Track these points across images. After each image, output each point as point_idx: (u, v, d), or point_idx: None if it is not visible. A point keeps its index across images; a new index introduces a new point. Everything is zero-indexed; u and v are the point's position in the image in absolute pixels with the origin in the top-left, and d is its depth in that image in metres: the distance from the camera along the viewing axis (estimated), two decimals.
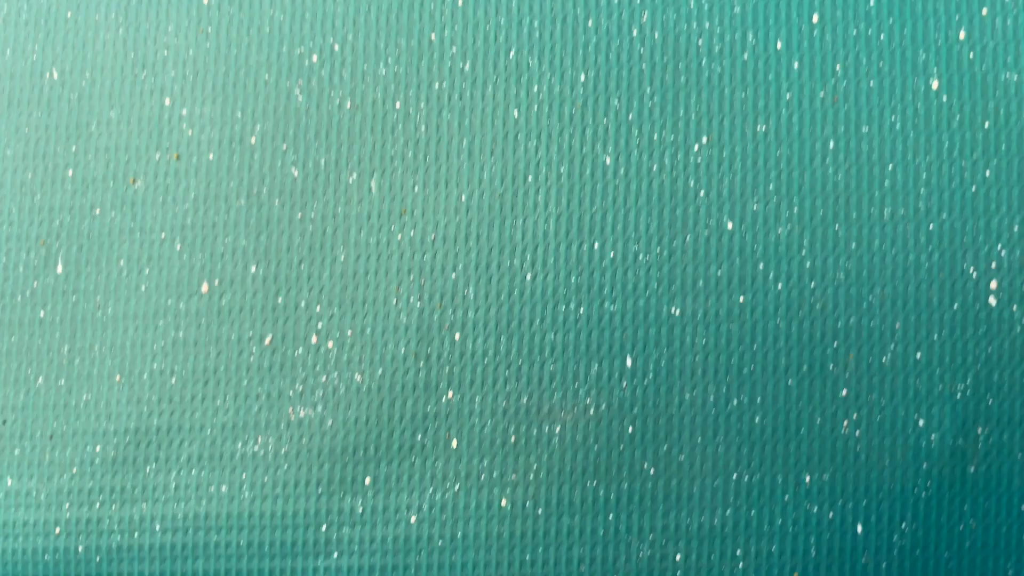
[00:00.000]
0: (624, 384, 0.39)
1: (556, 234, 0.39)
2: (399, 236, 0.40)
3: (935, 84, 0.39)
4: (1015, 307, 0.38)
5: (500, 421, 0.39)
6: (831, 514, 0.38)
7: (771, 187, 0.39)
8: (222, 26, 0.41)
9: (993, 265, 0.38)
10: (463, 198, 0.40)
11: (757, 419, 0.38)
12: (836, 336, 0.39)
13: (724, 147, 0.39)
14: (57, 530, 0.40)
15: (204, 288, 0.40)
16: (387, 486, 0.39)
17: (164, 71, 0.41)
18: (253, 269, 0.40)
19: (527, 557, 0.39)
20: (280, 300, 0.40)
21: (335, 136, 0.40)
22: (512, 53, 0.40)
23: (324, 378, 0.40)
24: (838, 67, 0.39)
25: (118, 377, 0.41)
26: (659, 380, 0.39)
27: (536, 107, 0.40)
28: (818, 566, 0.38)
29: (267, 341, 0.40)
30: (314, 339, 0.40)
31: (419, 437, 0.39)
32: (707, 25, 0.40)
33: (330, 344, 0.40)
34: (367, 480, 0.39)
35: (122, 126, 0.41)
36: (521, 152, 0.40)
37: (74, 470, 0.41)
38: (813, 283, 0.39)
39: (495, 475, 0.39)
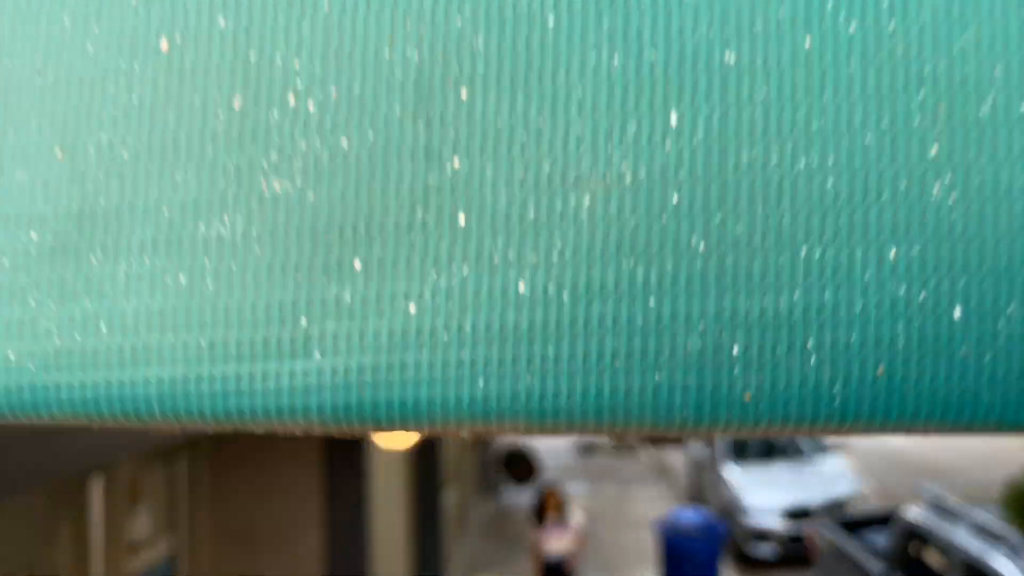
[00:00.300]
0: (668, 145, 0.32)
1: None
2: None
3: None
4: None
5: (517, 192, 0.32)
6: (922, 295, 0.31)
7: None
8: None
9: None
10: None
11: (830, 183, 0.32)
12: (922, 84, 0.32)
13: None
14: None
15: (163, 45, 0.34)
16: (380, 271, 0.32)
17: None
18: (221, 21, 0.34)
19: (549, 351, 0.32)
20: (252, 56, 0.33)
21: None
22: None
23: (304, 145, 0.33)
24: None
25: (58, 151, 0.34)
26: (710, 139, 0.32)
27: None
28: (907, 359, 0.31)
29: (236, 103, 0.33)
30: (292, 100, 0.33)
31: (419, 213, 0.32)
32: None
33: (311, 105, 0.33)
34: (356, 264, 0.32)
35: None
36: None
37: (5, 262, 0.34)
38: (893, 23, 0.32)
39: (511, 256, 0.32)
